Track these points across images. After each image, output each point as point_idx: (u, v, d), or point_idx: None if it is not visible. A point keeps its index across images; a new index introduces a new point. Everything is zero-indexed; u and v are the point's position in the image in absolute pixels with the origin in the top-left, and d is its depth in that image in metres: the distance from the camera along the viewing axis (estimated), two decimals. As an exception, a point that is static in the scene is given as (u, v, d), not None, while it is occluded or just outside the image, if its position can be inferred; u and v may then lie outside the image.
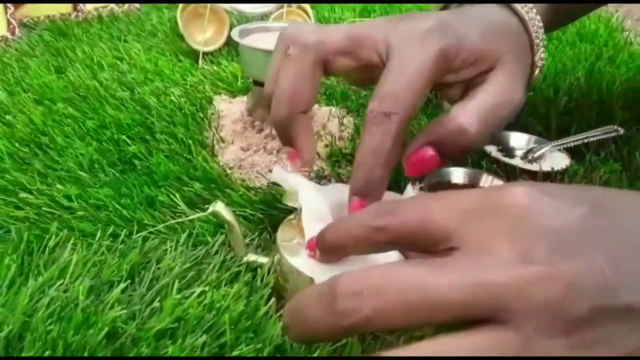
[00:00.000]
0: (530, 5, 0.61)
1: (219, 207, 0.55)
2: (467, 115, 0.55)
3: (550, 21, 0.66)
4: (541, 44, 0.62)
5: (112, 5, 1.34)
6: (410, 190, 0.56)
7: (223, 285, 0.55)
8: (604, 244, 0.35)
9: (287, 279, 0.54)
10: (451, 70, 0.56)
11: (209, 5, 1.09)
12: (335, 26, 0.59)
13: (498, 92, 0.57)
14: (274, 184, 0.69)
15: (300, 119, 0.56)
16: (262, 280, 0.56)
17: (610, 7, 1.68)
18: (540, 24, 0.61)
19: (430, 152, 0.55)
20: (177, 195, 0.68)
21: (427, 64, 0.53)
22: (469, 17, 0.59)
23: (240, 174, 0.77)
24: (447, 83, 0.58)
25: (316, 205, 0.54)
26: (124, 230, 0.62)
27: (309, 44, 0.54)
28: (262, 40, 0.85)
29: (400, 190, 0.59)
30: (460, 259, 0.37)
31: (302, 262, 0.52)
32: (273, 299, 0.54)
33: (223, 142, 0.83)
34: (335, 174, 0.76)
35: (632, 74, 1.02)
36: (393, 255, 0.49)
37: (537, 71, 0.63)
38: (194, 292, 0.54)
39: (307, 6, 1.16)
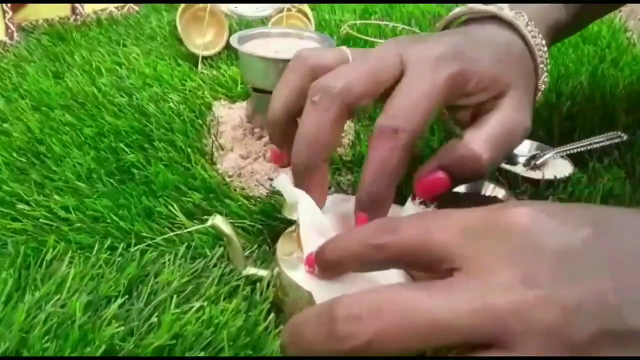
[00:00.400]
0: (537, 30, 0.61)
1: (218, 220, 0.54)
2: (480, 141, 0.56)
3: (552, 40, 0.67)
4: (545, 68, 0.62)
5: (111, 8, 1.33)
6: (411, 205, 0.56)
7: (222, 299, 0.55)
8: (608, 266, 0.34)
9: (286, 293, 0.53)
10: (463, 94, 0.57)
11: (208, 8, 1.08)
12: (356, 58, 0.58)
13: (509, 119, 0.58)
14: (274, 193, 0.68)
15: (318, 168, 0.55)
16: (261, 295, 0.55)
17: (613, 6, 1.66)
18: (545, 48, 0.61)
19: (441, 175, 0.56)
20: (175, 206, 0.67)
21: (437, 88, 0.53)
22: (478, 41, 0.59)
23: (240, 182, 0.77)
24: (458, 106, 0.59)
25: (315, 218, 0.54)
26: (122, 243, 0.61)
27: (336, 93, 0.53)
28: (262, 46, 0.84)
29: (402, 201, 0.58)
30: (461, 281, 0.36)
31: (302, 277, 0.51)
32: (272, 315, 0.53)
33: (222, 149, 0.83)
34: (335, 182, 0.75)
35: (635, 77, 1.01)
36: (394, 273, 0.48)
37: (539, 94, 0.64)
38: (192, 307, 0.53)
39: (307, 9, 1.15)
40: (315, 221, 0.53)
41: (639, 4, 1.64)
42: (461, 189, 0.73)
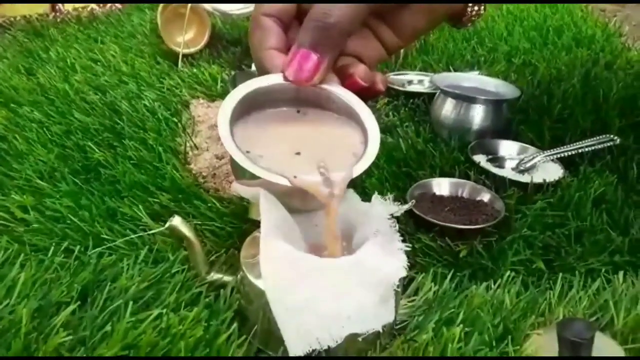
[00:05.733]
0: None
1: (177, 221, 0.50)
2: None
3: None
4: None
5: (93, 5, 1.29)
6: (377, 200, 0.51)
7: (182, 307, 0.51)
8: None
9: (250, 301, 0.49)
10: None
11: (189, 5, 1.04)
12: None
13: None
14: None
15: None
16: (224, 302, 0.51)
17: (608, 11, 1.64)
18: None
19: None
20: (141, 207, 0.63)
21: None
22: None
23: (214, 183, 0.73)
24: None
25: (278, 215, 0.49)
26: (79, 246, 0.57)
27: None
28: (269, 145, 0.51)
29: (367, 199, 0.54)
30: None
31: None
32: (235, 324, 0.49)
33: (197, 149, 0.79)
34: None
35: (629, 80, 0.98)
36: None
37: None
38: (149, 315, 0.49)
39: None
40: (279, 219, 0.49)
41: (634, 10, 1.62)
42: (444, 192, 0.69)
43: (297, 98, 0.52)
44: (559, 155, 0.75)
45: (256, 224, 0.56)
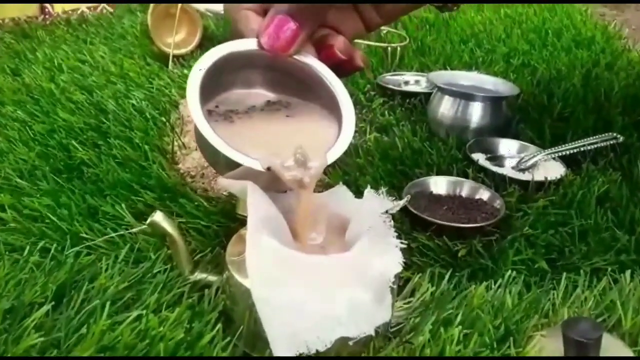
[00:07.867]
0: None
1: (158, 217, 0.47)
2: None
3: None
4: None
5: (83, 8, 1.27)
6: (370, 195, 0.48)
7: (164, 308, 0.48)
8: None
9: (236, 302, 0.46)
10: None
11: (179, 5, 1.02)
12: None
13: None
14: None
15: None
16: (209, 303, 0.48)
17: (607, 15, 1.62)
18: None
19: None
20: (123, 205, 0.60)
21: None
22: None
23: (203, 183, 0.70)
24: None
25: (266, 210, 0.46)
26: (56, 245, 0.54)
27: None
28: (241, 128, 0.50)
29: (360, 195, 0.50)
30: None
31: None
32: (220, 325, 0.46)
33: (186, 148, 0.76)
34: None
35: (631, 80, 0.95)
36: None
37: None
38: (128, 316, 0.46)
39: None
40: (266, 214, 0.46)
41: (634, 14, 1.60)
42: (441, 190, 0.66)
43: (272, 66, 0.50)
44: (560, 154, 0.72)
45: (244, 223, 0.53)
